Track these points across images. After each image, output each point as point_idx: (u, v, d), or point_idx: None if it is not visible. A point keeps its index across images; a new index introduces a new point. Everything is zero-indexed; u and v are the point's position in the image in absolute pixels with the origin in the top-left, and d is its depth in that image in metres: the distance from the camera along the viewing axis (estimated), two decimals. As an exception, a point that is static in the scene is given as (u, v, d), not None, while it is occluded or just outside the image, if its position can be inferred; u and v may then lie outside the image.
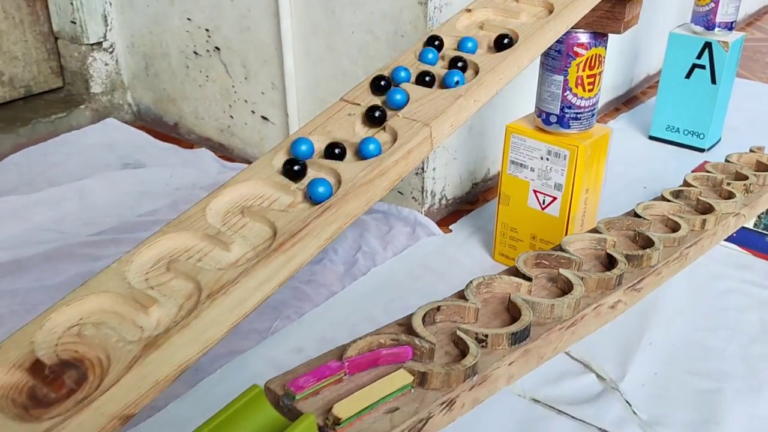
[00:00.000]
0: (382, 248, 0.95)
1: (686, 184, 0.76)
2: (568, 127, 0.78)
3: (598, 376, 0.72)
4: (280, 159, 0.49)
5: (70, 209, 1.03)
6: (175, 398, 0.71)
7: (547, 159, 0.80)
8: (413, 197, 1.00)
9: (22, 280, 0.87)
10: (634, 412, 0.68)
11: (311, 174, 0.48)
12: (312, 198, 0.45)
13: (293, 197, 0.47)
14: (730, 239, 0.90)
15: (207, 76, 1.19)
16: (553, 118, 0.79)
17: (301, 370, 0.44)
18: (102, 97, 1.30)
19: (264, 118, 1.15)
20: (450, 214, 1.05)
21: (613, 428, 0.66)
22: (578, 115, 0.78)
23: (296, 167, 0.48)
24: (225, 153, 1.24)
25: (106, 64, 1.29)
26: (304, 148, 0.49)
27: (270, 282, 0.41)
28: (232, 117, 1.19)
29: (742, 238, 0.91)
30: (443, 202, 1.03)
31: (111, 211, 1.04)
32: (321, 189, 0.45)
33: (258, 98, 1.13)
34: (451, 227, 1.01)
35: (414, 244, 0.96)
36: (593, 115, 0.79)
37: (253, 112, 1.16)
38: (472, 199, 1.08)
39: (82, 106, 1.29)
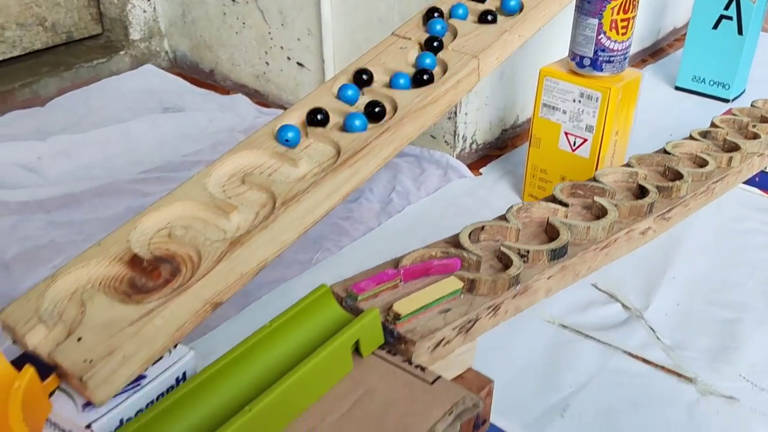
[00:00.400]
0: (416, 189, 0.99)
1: (713, 125, 0.79)
2: (601, 69, 0.81)
3: (623, 305, 0.77)
4: (338, 86, 0.53)
5: (116, 149, 1.08)
6: (226, 320, 0.76)
7: (580, 101, 0.83)
8: (445, 141, 1.04)
9: (76, 212, 0.92)
10: (658, 338, 0.72)
11: (366, 100, 0.52)
12: (368, 118, 0.49)
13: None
14: (752, 183, 0.94)
15: (243, 23, 1.22)
16: (586, 61, 0.82)
17: (360, 277, 0.48)
18: (140, 43, 1.34)
19: (299, 64, 1.18)
20: (480, 159, 1.08)
21: (638, 351, 0.70)
22: (611, 58, 0.81)
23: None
24: (260, 99, 1.27)
25: (144, 11, 1.33)
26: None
27: (336, 194, 0.46)
28: (267, 63, 1.23)
29: (764, 183, 0.94)
30: (473, 146, 1.06)
31: (155, 151, 1.08)
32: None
33: (294, 44, 1.17)
34: (481, 170, 1.04)
35: (446, 186, 1.00)
36: (626, 58, 0.82)
37: (288, 58, 1.19)
38: (501, 145, 1.12)
39: (122, 53, 1.33)
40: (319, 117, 0.50)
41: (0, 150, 1.03)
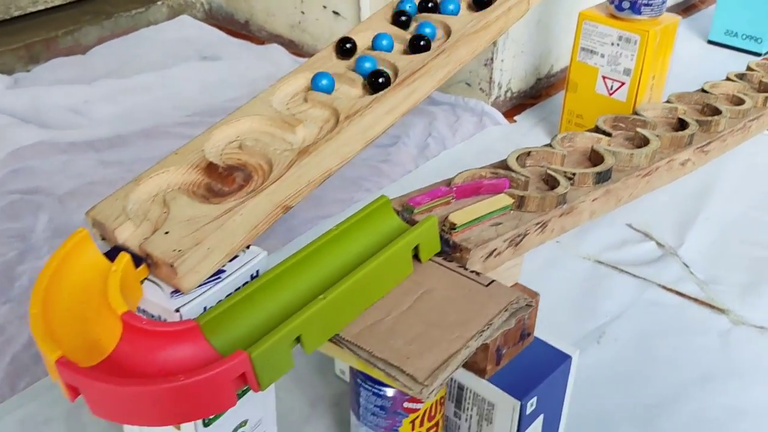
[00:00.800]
0: (451, 134, 1.02)
1: (749, 69, 0.80)
2: (640, 13, 0.82)
3: (657, 243, 0.79)
4: (389, 13, 0.55)
5: (159, 95, 1.11)
6: (272, 252, 0.79)
7: (618, 44, 0.85)
8: (480, 88, 1.05)
9: (124, 152, 0.96)
10: (691, 273, 0.74)
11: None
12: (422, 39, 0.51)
13: (404, 45, 0.53)
14: (786, 129, 0.95)
15: (280, -27, 1.24)
16: (625, 4, 0.83)
17: (414, 193, 0.51)
18: (177, -6, 1.36)
19: (335, 12, 1.20)
20: (513, 107, 1.10)
21: (671, 285, 0.73)
22: (650, 2, 0.82)
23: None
24: (295, 49, 1.29)
25: (182, -38, 1.34)
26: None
27: (395, 110, 0.48)
28: (303, 13, 1.25)
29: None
30: (508, 94, 1.08)
31: (196, 97, 1.11)
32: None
33: (330, -7, 1.18)
34: (515, 118, 1.06)
35: (481, 132, 1.02)
36: (664, 2, 0.83)
37: (324, 7, 1.21)
38: (536, 94, 1.13)
39: (159, 3, 1.35)
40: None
41: (47, 93, 1.06)
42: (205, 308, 0.39)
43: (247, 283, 0.41)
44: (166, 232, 0.39)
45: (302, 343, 0.38)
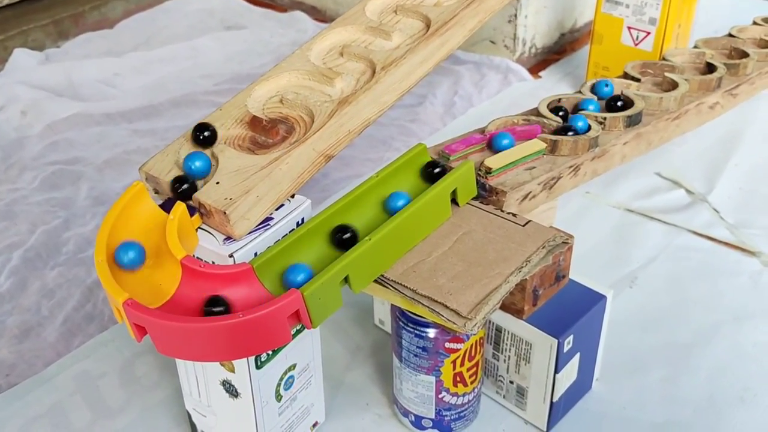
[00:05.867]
0: (477, 92, 1.02)
1: (778, 12, 0.80)
2: (665, -40, 0.82)
3: (687, 190, 0.79)
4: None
5: (187, 65, 1.13)
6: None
7: (643, -6, 0.85)
8: (505, 45, 1.06)
9: (157, 122, 0.98)
10: (721, 218, 0.75)
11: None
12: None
13: (438, -1, 0.54)
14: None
15: (301, -61, 1.24)
16: (650, -48, 0.82)
17: (449, 142, 0.52)
18: (199, -35, 1.37)
19: (357, -23, 1.20)
20: (538, 63, 1.10)
21: (702, 230, 0.74)
22: (675, -51, 0.81)
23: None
24: (318, 15, 1.30)
25: (202, -67, 1.35)
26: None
27: (429, 60, 0.49)
28: (325, -21, 1.25)
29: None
30: (533, 50, 1.08)
31: (223, 66, 1.13)
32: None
33: (352, -43, 1.18)
34: (540, 74, 1.06)
35: (506, 89, 1.03)
36: (689, -52, 0.83)
37: (346, -28, 1.21)
38: (560, 50, 1.13)
39: (182, -25, 1.36)
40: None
41: (79, 67, 1.08)
42: (255, 254, 0.41)
43: (293, 230, 0.43)
44: (217, 183, 0.41)
45: (350, 283, 0.40)
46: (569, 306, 0.52)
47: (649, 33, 0.87)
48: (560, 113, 0.55)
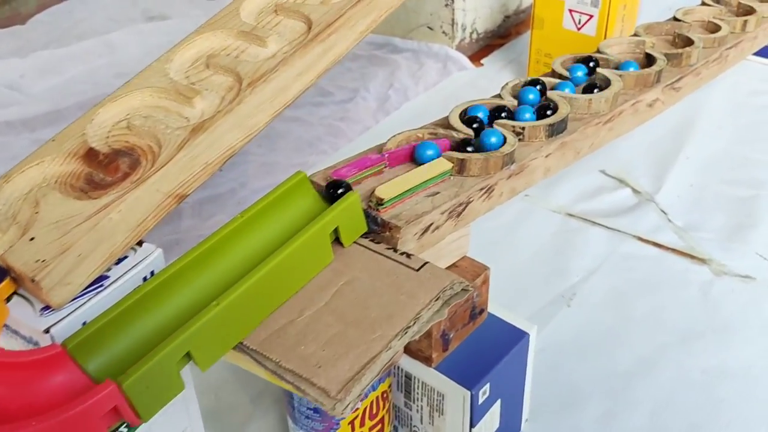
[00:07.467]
0: (414, 84, 0.95)
1: (728, -10, 0.73)
2: (604, -64, 0.75)
3: (633, 189, 0.73)
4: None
5: (100, 62, 1.04)
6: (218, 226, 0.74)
7: (582, -26, 0.77)
8: (443, 31, 0.98)
9: (60, 129, 0.89)
10: (669, 220, 0.69)
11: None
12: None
13: (324, -6, 0.46)
14: (771, 54, 0.88)
15: None
16: (588, -72, 0.75)
17: (342, 164, 0.45)
18: (120, -49, 1.27)
19: (286, -40, 1.11)
20: (481, 49, 1.03)
21: (648, 235, 0.67)
22: (615, -77, 0.74)
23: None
24: (249, 2, 1.21)
25: None
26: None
27: (309, 72, 0.42)
28: (253, -38, 1.16)
29: (784, 54, 0.88)
30: (474, 36, 1.00)
31: (140, 62, 1.03)
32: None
33: (279, -61, 1.09)
34: (482, 61, 0.99)
35: (445, 79, 0.95)
36: None
37: (274, -46, 1.12)
38: (504, 33, 1.06)
39: (101, -38, 1.26)
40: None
41: (-20, 70, 0.99)
42: (84, 324, 0.34)
43: (138, 288, 0.36)
44: (32, 239, 0.34)
45: (194, 360, 0.32)
46: (486, 347, 0.45)
47: (592, 16, 0.80)
48: (474, 125, 0.48)
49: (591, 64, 0.55)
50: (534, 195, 0.73)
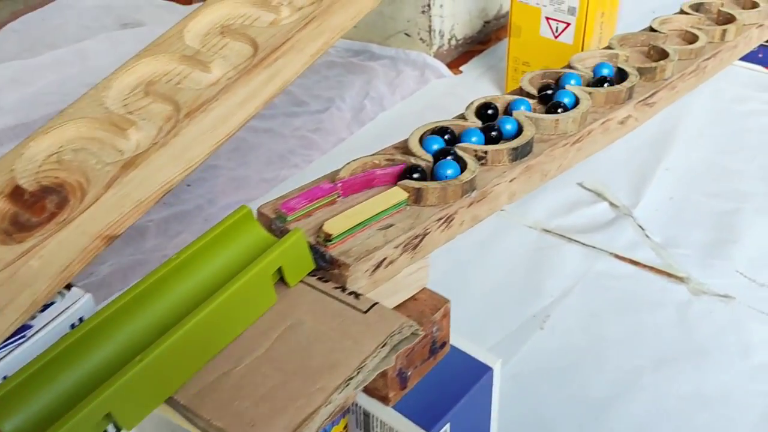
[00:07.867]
0: (390, 93, 0.92)
1: (708, -3, 0.71)
2: (580, -58, 0.73)
3: (611, 203, 0.71)
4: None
5: (73, 72, 1.01)
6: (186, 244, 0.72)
7: (558, -19, 0.75)
8: (421, 38, 0.96)
9: (29, 142, 0.87)
10: (647, 236, 0.67)
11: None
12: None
13: (276, 14, 0.44)
14: (754, 60, 0.86)
15: (199, -76, 1.12)
16: (563, -66, 0.73)
17: (293, 194, 0.43)
18: (94, -44, 1.24)
19: (262, -35, 1.09)
20: (461, 56, 1.00)
21: (625, 252, 0.65)
22: (590, -71, 0.72)
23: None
24: (226, 7, 1.19)
25: None
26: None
27: (254, 99, 0.40)
28: (229, -33, 1.13)
29: (766, 59, 0.86)
30: (453, 42, 0.98)
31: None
32: None
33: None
34: (461, 68, 0.97)
35: (423, 87, 0.93)
36: (607, -73, 0.73)
37: (250, -41, 1.09)
38: (484, 39, 1.03)
39: (75, -33, 1.23)
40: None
41: (-53, 82, 0.97)
42: (5, 378, 0.32)
43: (66, 336, 0.34)
44: (-55, 289, 0.31)
45: (116, 420, 0.30)
46: (447, 383, 0.43)
47: (569, 24, 0.78)
48: (434, 148, 0.45)
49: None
50: (509, 209, 0.71)
